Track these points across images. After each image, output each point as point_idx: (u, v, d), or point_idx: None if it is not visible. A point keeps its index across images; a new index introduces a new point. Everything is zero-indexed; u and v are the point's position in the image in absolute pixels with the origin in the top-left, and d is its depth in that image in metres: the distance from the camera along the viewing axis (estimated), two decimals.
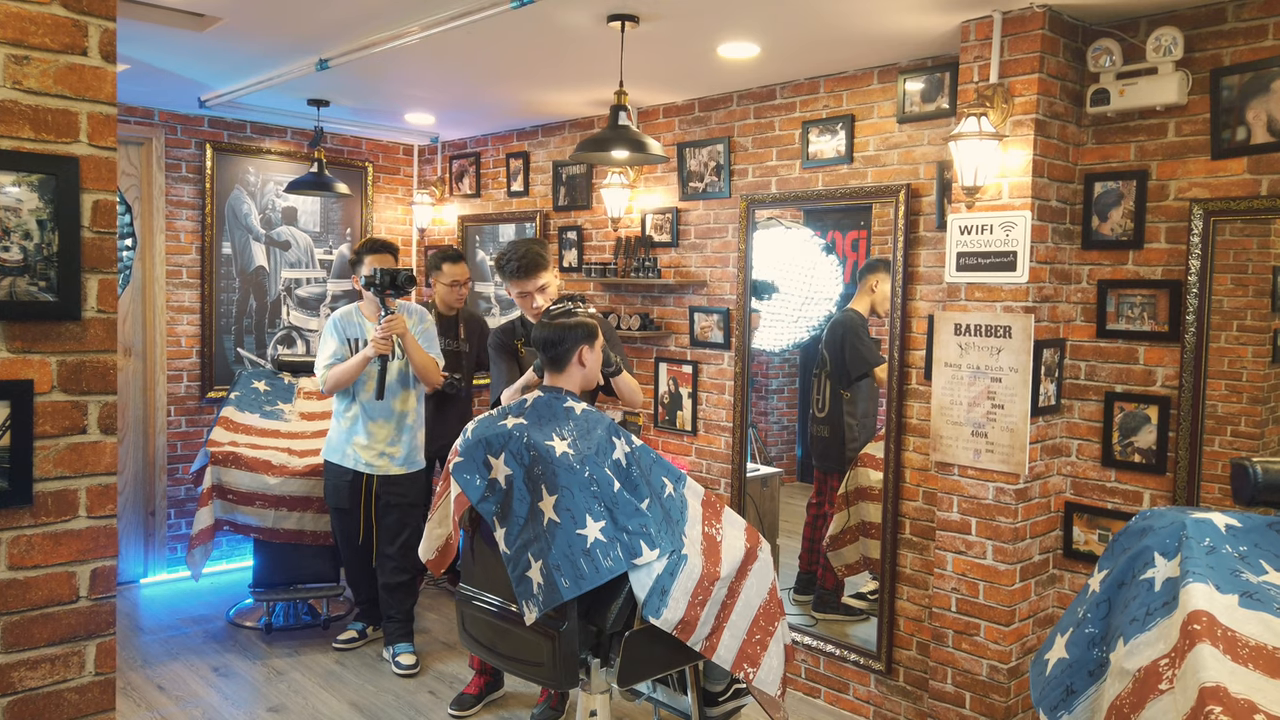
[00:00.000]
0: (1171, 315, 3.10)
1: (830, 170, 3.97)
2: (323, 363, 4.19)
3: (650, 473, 2.83)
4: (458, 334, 4.88)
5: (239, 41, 3.82)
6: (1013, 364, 3.16)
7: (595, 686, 2.79)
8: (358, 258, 4.36)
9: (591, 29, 3.43)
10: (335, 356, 4.18)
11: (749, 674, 2.84)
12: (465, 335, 4.90)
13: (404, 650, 4.31)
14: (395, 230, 6.18)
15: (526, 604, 2.59)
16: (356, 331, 4.25)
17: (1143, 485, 3.20)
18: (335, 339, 4.21)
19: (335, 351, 4.19)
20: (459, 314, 4.93)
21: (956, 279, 3.29)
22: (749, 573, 2.88)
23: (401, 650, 4.31)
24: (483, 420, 2.87)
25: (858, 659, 3.90)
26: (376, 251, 4.34)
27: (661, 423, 4.72)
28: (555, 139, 5.32)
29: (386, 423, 4.24)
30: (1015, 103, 3.11)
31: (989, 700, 3.25)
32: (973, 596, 3.29)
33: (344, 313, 4.30)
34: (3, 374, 1.77)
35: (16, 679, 1.81)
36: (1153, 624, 1.88)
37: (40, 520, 1.82)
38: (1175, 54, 2.96)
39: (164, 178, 5.26)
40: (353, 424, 4.23)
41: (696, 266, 4.56)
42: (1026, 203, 3.11)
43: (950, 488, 3.35)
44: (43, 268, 1.78)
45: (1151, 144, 3.13)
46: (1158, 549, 1.96)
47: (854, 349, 4.25)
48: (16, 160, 1.75)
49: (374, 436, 4.22)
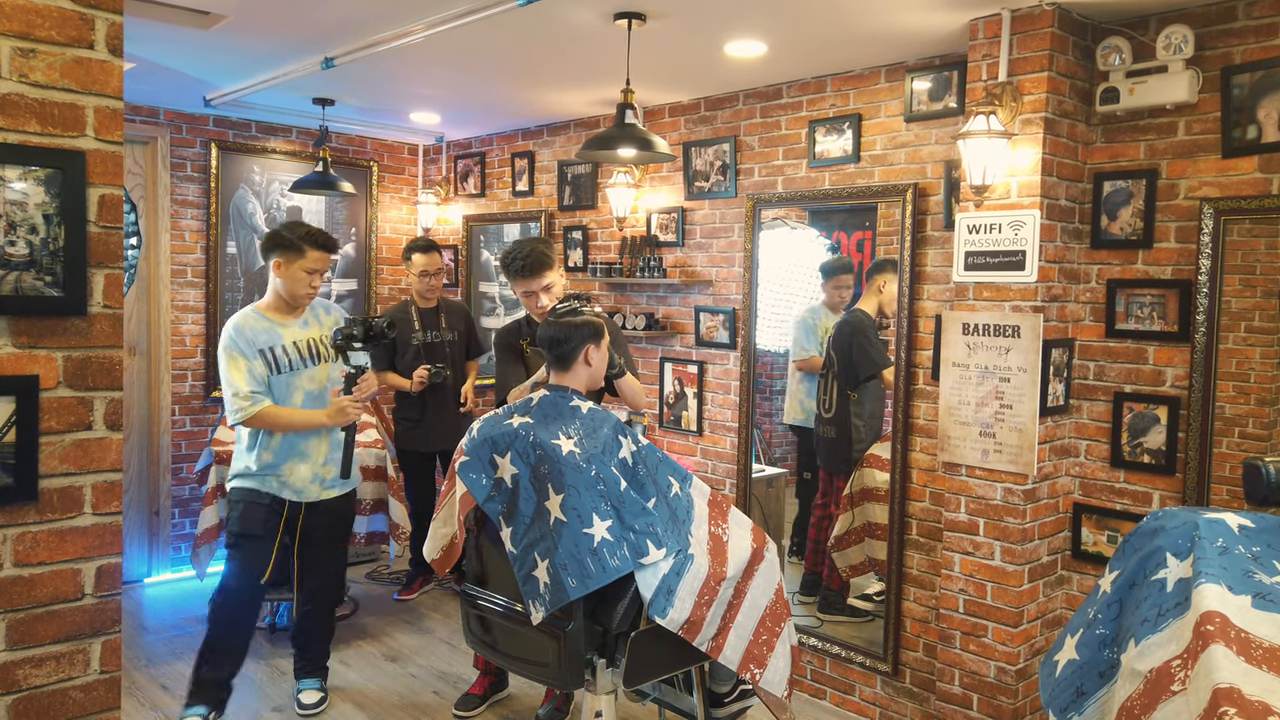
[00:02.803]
0: (1181, 315, 3.08)
1: (837, 169, 3.96)
2: (240, 390, 3.39)
3: (657, 472, 2.81)
4: (439, 324, 4.94)
5: (244, 39, 3.81)
6: (1021, 364, 3.14)
7: (600, 687, 2.77)
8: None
9: (598, 27, 3.42)
10: (257, 383, 3.44)
11: (755, 675, 2.83)
12: (448, 324, 4.96)
13: (309, 686, 3.83)
14: (400, 230, 6.18)
15: (533, 603, 2.58)
16: (269, 339, 3.52)
17: (1152, 486, 3.18)
18: (246, 357, 3.44)
19: (255, 374, 3.44)
20: (439, 305, 5.01)
21: (964, 278, 3.27)
22: (755, 573, 2.87)
23: (307, 686, 3.83)
24: (488, 419, 2.86)
25: (864, 660, 3.88)
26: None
27: (667, 423, 4.71)
28: (560, 138, 5.31)
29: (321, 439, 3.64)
30: (1024, 101, 3.09)
31: (996, 702, 3.23)
32: (980, 597, 3.27)
33: (244, 320, 3.52)
34: (8, 369, 1.76)
35: (21, 677, 1.80)
36: (1165, 625, 1.86)
37: (45, 517, 1.81)
38: (1186, 52, 2.95)
39: (169, 177, 5.26)
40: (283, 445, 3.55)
41: (702, 266, 4.54)
42: (1035, 202, 3.09)
43: (958, 488, 3.33)
44: (49, 262, 1.77)
45: (1161, 143, 3.11)
46: (1170, 549, 1.95)
47: (862, 350, 4.24)
48: (23, 154, 1.74)
49: (310, 457, 3.61)
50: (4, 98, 1.73)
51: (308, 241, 3.56)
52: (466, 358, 5.06)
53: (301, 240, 3.55)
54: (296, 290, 3.58)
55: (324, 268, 3.63)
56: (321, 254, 3.59)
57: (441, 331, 4.94)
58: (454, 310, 5.06)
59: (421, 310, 4.96)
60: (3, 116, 1.72)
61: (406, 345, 4.87)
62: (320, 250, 3.58)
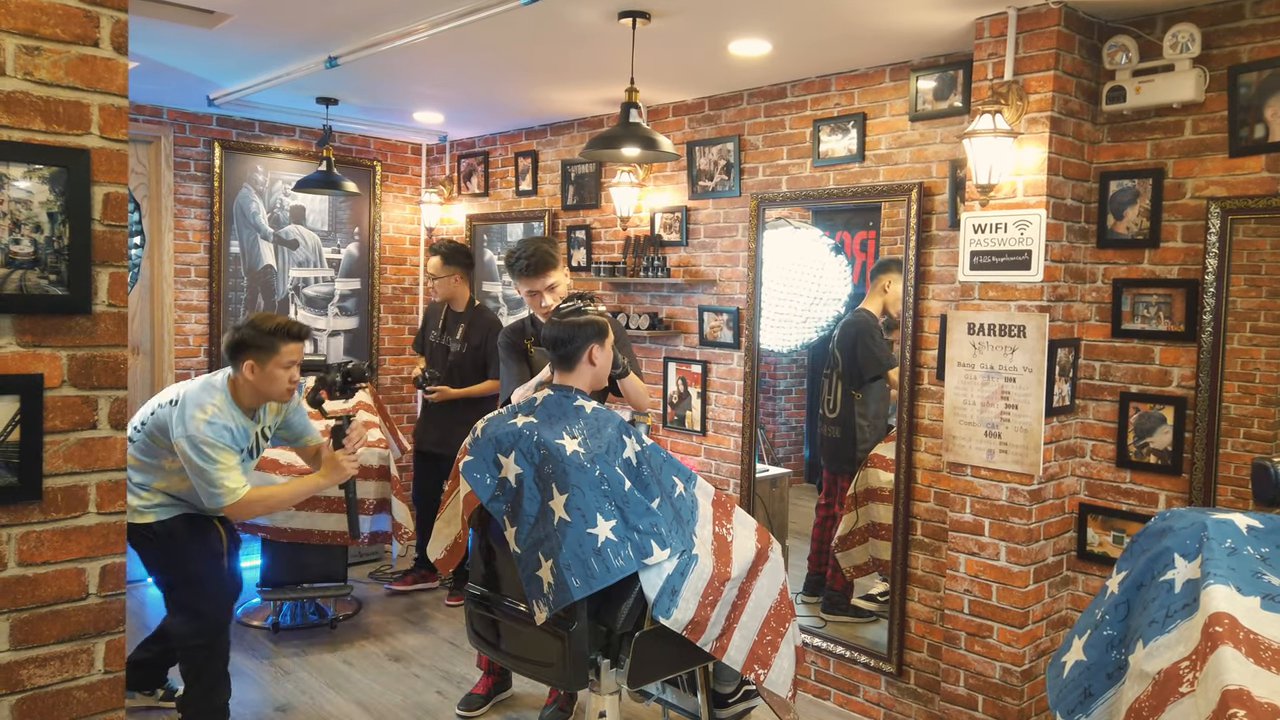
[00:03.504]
0: (1188, 315, 3.07)
1: (842, 169, 3.95)
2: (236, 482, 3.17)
3: (661, 472, 2.80)
4: (456, 331, 4.90)
5: (248, 38, 3.81)
6: (1027, 364, 3.13)
7: (604, 687, 2.77)
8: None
9: (602, 26, 3.42)
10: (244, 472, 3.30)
11: (760, 675, 2.82)
12: (464, 334, 4.89)
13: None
14: (403, 230, 6.18)
15: (537, 603, 2.57)
16: (246, 437, 3.32)
17: (1158, 486, 3.17)
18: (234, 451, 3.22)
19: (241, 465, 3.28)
20: (468, 312, 4.96)
21: (970, 278, 3.27)
22: (760, 573, 2.86)
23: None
24: (493, 419, 2.85)
25: (868, 661, 3.87)
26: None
27: (670, 423, 4.70)
28: (564, 138, 5.30)
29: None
30: (1030, 100, 3.08)
31: (1002, 703, 3.22)
32: (985, 598, 3.26)
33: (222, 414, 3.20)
34: (13, 368, 1.75)
35: (25, 676, 1.80)
36: (1173, 626, 1.85)
37: (50, 516, 1.81)
38: (1192, 51, 2.94)
39: (172, 176, 5.26)
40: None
41: (706, 266, 4.53)
42: (1041, 201, 3.08)
43: (963, 488, 3.32)
44: (53, 261, 1.77)
45: (1168, 142, 3.10)
46: (1178, 550, 1.94)
47: (867, 350, 4.23)
48: (28, 152, 1.73)
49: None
50: (9, 95, 1.72)
51: (280, 336, 3.25)
52: (478, 373, 4.89)
53: (273, 335, 3.24)
54: (275, 390, 3.28)
55: (300, 358, 3.33)
56: (297, 345, 3.30)
57: (454, 339, 4.91)
58: (478, 323, 4.93)
59: (451, 312, 4.99)
60: (8, 114, 1.72)
61: (427, 342, 5.05)
62: (295, 342, 3.29)
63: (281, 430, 3.58)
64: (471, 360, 4.91)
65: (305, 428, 3.64)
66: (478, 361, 4.90)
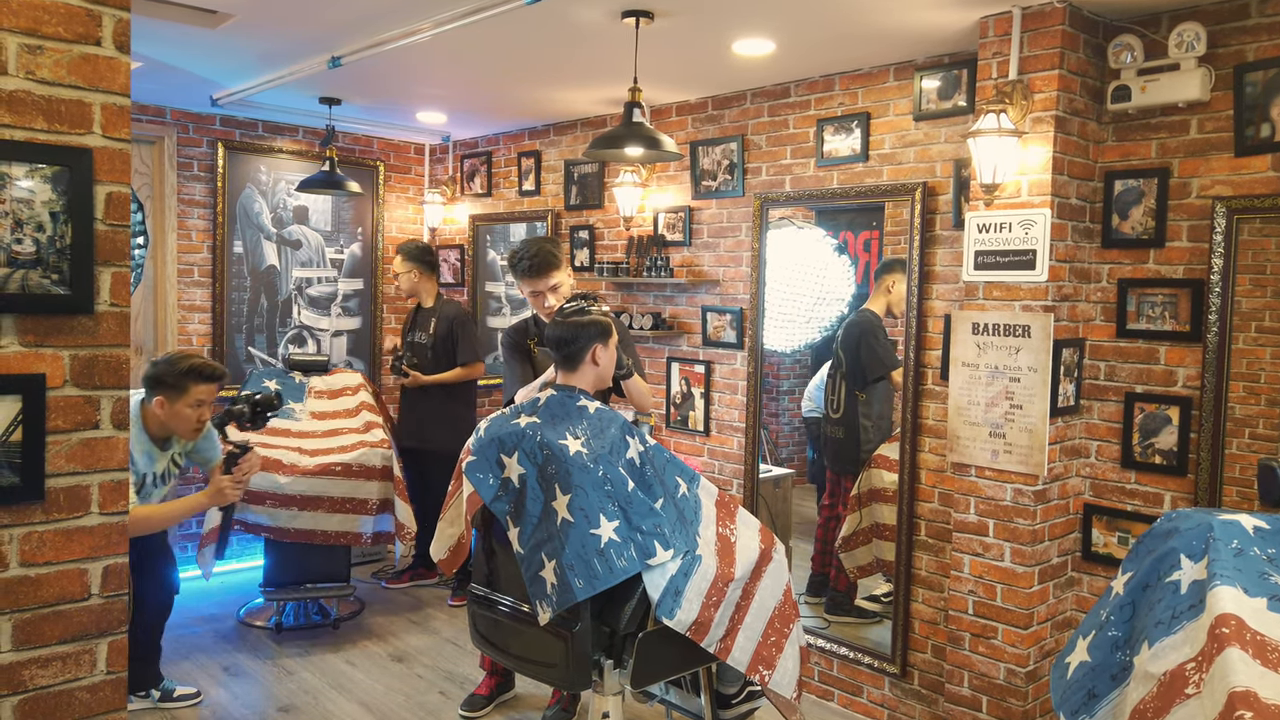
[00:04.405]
0: (1193, 315, 3.06)
1: (845, 168, 3.94)
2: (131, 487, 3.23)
3: (664, 472, 2.80)
4: (427, 326, 5.07)
5: (251, 38, 3.80)
6: (1031, 364, 3.12)
7: (608, 688, 2.76)
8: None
9: (605, 25, 3.41)
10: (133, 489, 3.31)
11: (764, 676, 2.81)
12: (434, 329, 5.05)
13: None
14: (406, 230, 6.17)
15: (540, 604, 2.56)
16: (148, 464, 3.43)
17: (1163, 487, 3.15)
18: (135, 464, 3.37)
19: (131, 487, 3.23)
20: (436, 307, 5.12)
21: (974, 278, 3.25)
22: (764, 574, 2.85)
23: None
24: (495, 419, 2.84)
25: (872, 662, 3.86)
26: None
27: (674, 423, 4.69)
28: (567, 138, 5.30)
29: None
30: (1035, 99, 3.07)
31: (1006, 704, 3.21)
32: (990, 599, 3.25)
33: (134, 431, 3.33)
34: (15, 368, 1.75)
35: (27, 677, 1.79)
36: (1179, 627, 1.84)
37: (52, 516, 1.80)
38: (1198, 50, 2.92)
39: (176, 176, 5.26)
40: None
41: (709, 266, 4.53)
42: (1046, 200, 3.07)
43: (967, 489, 3.31)
44: (55, 260, 1.76)
45: (1173, 141, 3.09)
46: (1184, 551, 1.93)
47: (870, 350, 4.22)
48: (30, 151, 1.73)
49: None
50: (11, 95, 1.72)
51: (192, 377, 3.39)
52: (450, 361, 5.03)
53: (184, 377, 3.38)
54: (182, 429, 3.43)
55: (212, 398, 3.46)
56: (208, 386, 3.43)
57: (425, 334, 5.07)
58: (443, 315, 5.10)
59: (421, 310, 5.18)
60: (10, 114, 1.72)
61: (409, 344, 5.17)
62: (207, 384, 3.42)
63: (192, 454, 3.68)
64: (442, 349, 5.04)
65: (216, 453, 3.72)
66: (448, 349, 5.04)
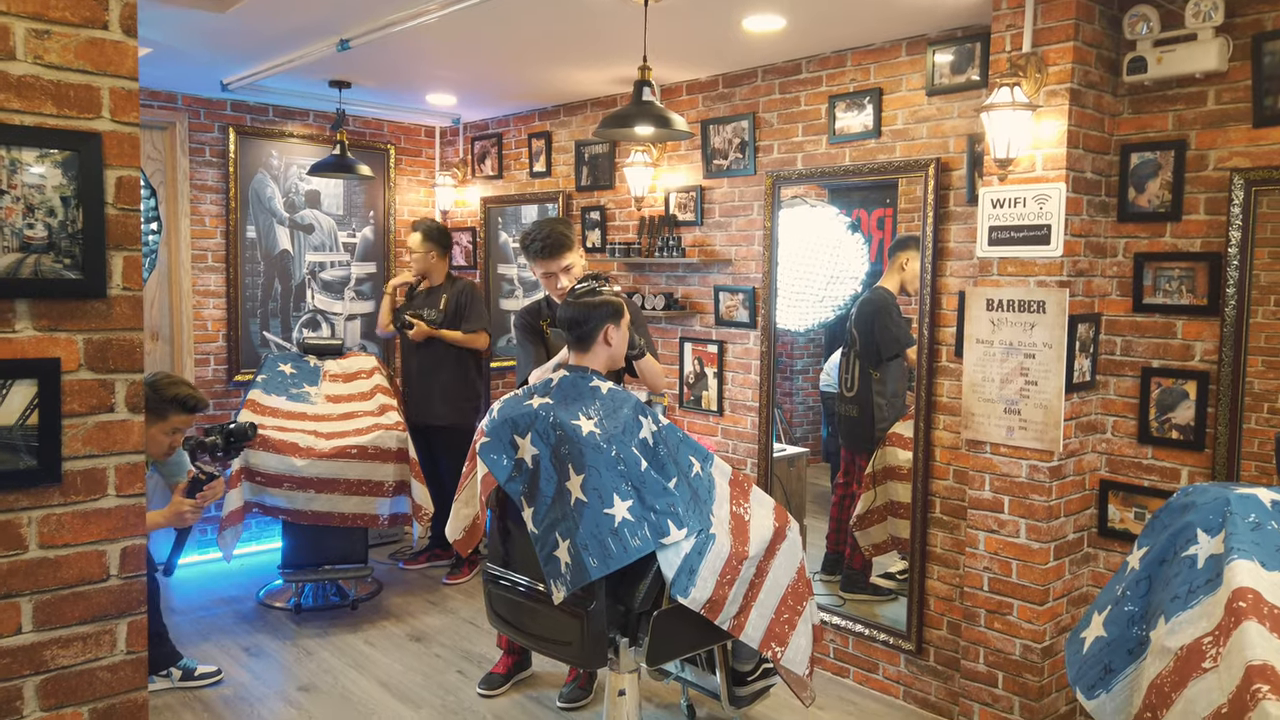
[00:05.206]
0: (1211, 288, 3.03)
1: (858, 145, 3.91)
2: None
3: (678, 452, 2.80)
4: (436, 303, 5.14)
5: (260, 22, 3.80)
6: (1046, 339, 3.10)
7: (624, 666, 2.78)
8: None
9: (614, 4, 3.38)
10: None
11: (777, 653, 2.82)
12: (445, 305, 5.13)
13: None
14: (418, 212, 6.17)
15: (554, 583, 2.58)
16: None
17: (1180, 462, 3.13)
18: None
19: None
20: (445, 284, 5.19)
21: (988, 253, 3.23)
22: (777, 552, 2.86)
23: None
24: (508, 400, 2.85)
25: (887, 639, 3.87)
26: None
27: (687, 403, 4.69)
28: (577, 118, 5.28)
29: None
30: (1049, 72, 3.04)
31: (1022, 680, 3.21)
32: (1005, 575, 3.25)
33: None
34: (30, 352, 1.76)
35: (49, 657, 1.82)
36: (1195, 601, 1.84)
37: (70, 499, 1.82)
38: (1215, 19, 2.87)
39: (188, 162, 5.27)
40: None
41: (721, 245, 4.51)
42: (1061, 174, 3.04)
43: (982, 466, 3.30)
44: (67, 245, 1.77)
45: (1190, 113, 3.04)
46: (1201, 525, 1.92)
47: (885, 329, 4.20)
48: (39, 136, 1.73)
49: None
50: (19, 80, 1.72)
51: (174, 407, 3.45)
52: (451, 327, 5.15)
53: (168, 405, 3.44)
54: (153, 451, 3.47)
55: (187, 427, 3.52)
56: (187, 417, 3.49)
57: (433, 310, 5.13)
58: (453, 290, 5.17)
59: (431, 288, 5.23)
60: (19, 99, 1.72)
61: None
62: (186, 414, 3.48)
63: (159, 466, 3.72)
64: (453, 324, 5.11)
65: (182, 473, 3.74)
66: (458, 324, 5.12)
